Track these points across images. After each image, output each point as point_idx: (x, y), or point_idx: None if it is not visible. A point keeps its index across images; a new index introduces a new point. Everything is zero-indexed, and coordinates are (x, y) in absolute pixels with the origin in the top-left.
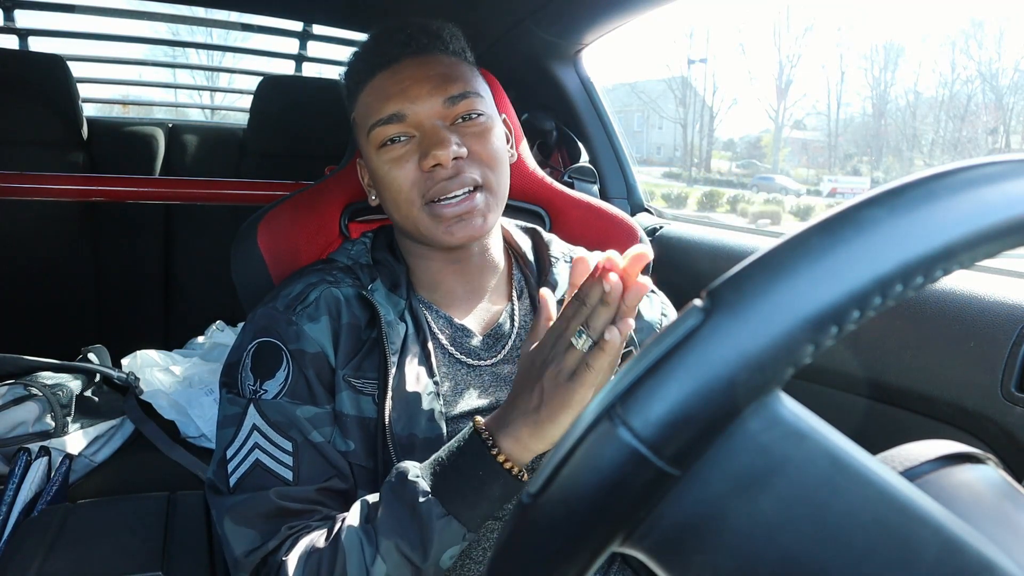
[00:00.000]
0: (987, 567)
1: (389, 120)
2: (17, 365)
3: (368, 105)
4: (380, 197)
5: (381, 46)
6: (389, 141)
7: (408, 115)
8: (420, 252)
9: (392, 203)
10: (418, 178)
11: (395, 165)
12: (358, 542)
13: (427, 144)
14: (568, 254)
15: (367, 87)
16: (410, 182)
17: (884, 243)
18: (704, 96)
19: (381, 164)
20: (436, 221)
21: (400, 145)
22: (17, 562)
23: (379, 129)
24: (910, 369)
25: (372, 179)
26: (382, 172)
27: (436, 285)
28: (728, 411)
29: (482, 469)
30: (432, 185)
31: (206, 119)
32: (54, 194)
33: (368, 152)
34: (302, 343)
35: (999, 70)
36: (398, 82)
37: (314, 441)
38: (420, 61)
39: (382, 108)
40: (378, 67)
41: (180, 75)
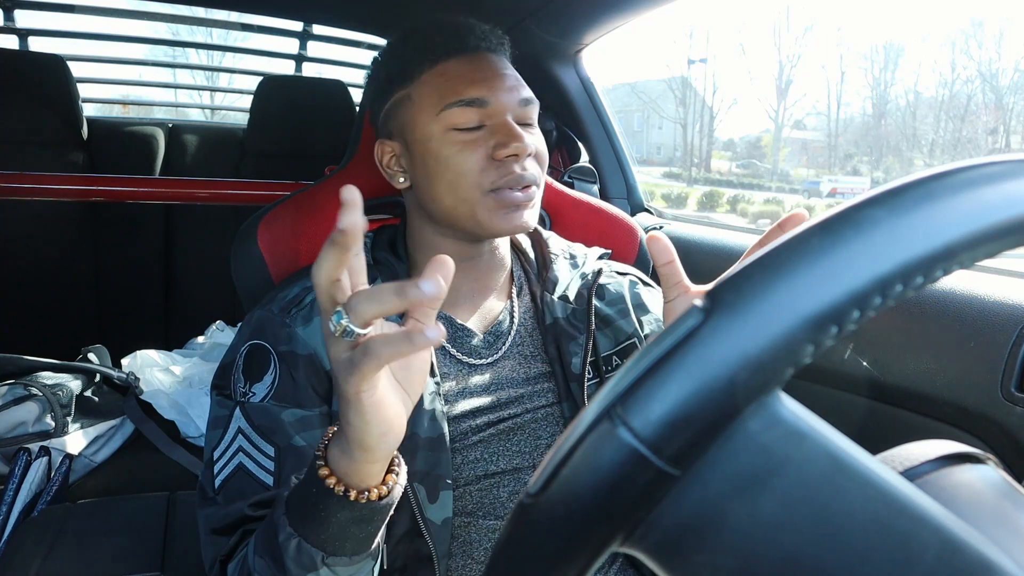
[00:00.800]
0: (987, 567)
1: (471, 103)
2: (17, 365)
3: (440, 85)
4: (427, 179)
5: (458, 33)
6: (459, 127)
7: (490, 103)
8: (435, 246)
9: (449, 185)
10: (487, 166)
11: (467, 148)
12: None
13: (505, 135)
14: (567, 251)
15: (438, 67)
16: (479, 168)
17: (884, 243)
18: (704, 96)
19: (448, 145)
20: (496, 207)
21: (472, 133)
22: (17, 562)
23: (456, 110)
24: (910, 369)
25: (418, 161)
26: (447, 153)
27: None
28: (728, 411)
29: (315, 486)
30: (504, 174)
31: (206, 119)
32: (54, 194)
33: (428, 132)
34: (293, 345)
35: (999, 70)
36: (480, 69)
37: (296, 446)
38: (495, 58)
39: (463, 90)
40: (453, 51)
41: (180, 75)
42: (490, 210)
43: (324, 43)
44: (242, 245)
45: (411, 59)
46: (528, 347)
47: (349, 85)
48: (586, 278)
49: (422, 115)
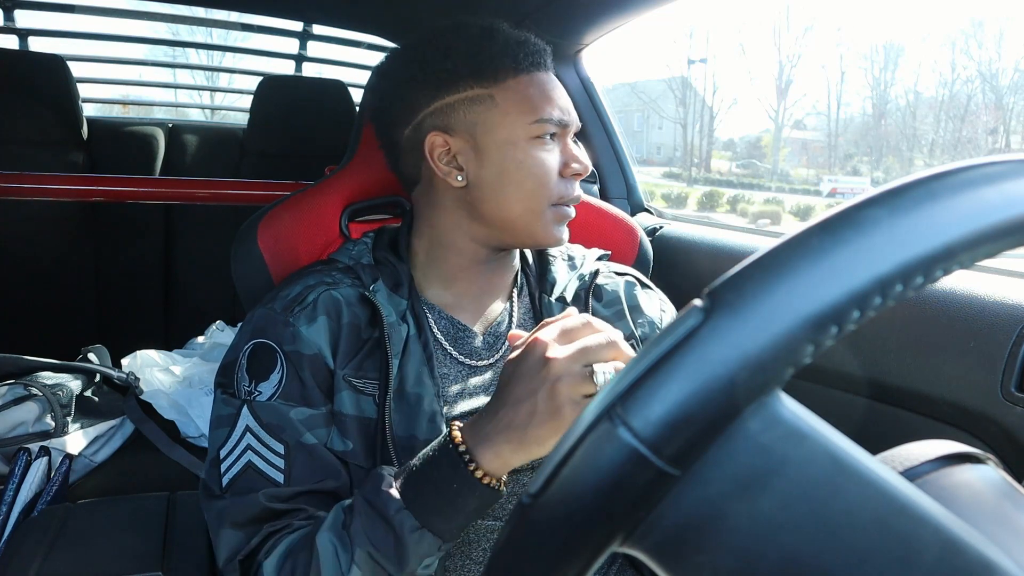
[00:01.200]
0: (987, 567)
1: (557, 122)
2: (17, 365)
3: (533, 96)
4: (502, 182)
5: (537, 48)
6: (547, 137)
7: (568, 125)
8: (457, 247)
9: (526, 193)
10: (557, 180)
11: (547, 160)
12: (332, 548)
13: (573, 155)
14: (566, 252)
15: (525, 77)
16: (554, 180)
17: (884, 243)
18: (704, 96)
19: (531, 155)
20: (555, 220)
21: (551, 144)
22: (17, 562)
23: (545, 124)
24: (910, 369)
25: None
26: (529, 163)
27: (450, 283)
28: (728, 411)
29: (456, 482)
30: (569, 190)
31: (206, 119)
32: (54, 194)
33: (514, 136)
34: (298, 345)
35: (999, 70)
36: (556, 89)
37: (307, 443)
38: (557, 81)
39: (551, 107)
40: (535, 66)
41: (180, 75)
42: (550, 222)
43: (324, 43)
44: (242, 245)
45: (495, 61)
46: None
47: (349, 85)
48: (584, 279)
49: (508, 119)
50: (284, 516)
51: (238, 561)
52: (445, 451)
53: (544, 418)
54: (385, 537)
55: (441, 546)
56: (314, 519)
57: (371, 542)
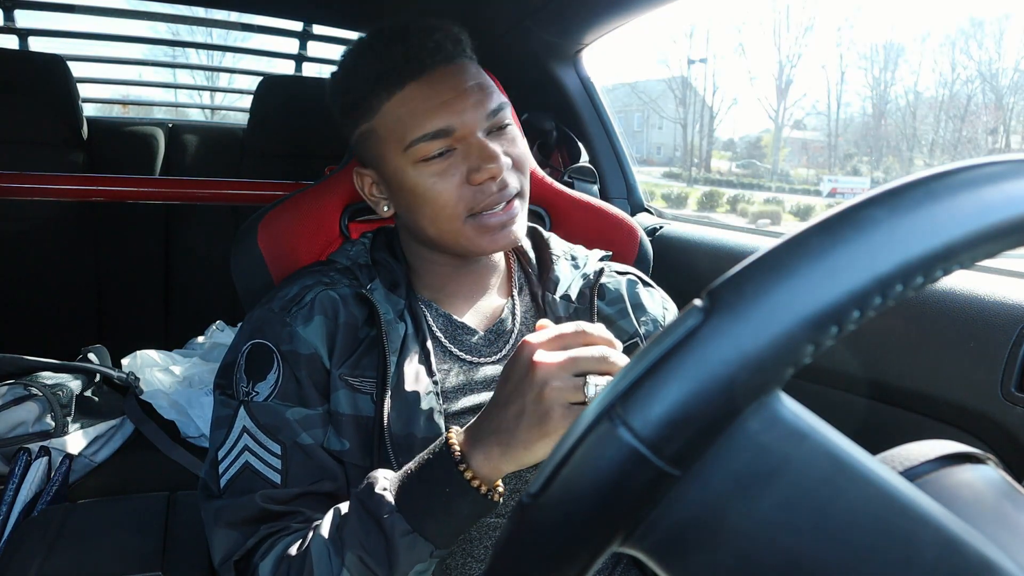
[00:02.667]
0: (987, 567)
1: (436, 135)
2: (17, 365)
3: (402, 118)
4: (407, 210)
5: (409, 53)
6: (429, 157)
7: (456, 129)
8: (429, 256)
9: (430, 217)
10: (464, 192)
11: (440, 180)
12: (326, 551)
13: (478, 158)
14: (569, 252)
15: (396, 98)
16: (456, 196)
17: (884, 243)
18: (704, 96)
19: (421, 178)
20: (480, 232)
21: (443, 159)
22: (17, 562)
23: (423, 145)
24: (910, 369)
25: (395, 191)
26: (423, 187)
27: (440, 285)
28: (728, 411)
29: (449, 486)
30: (483, 199)
31: (206, 119)
32: (54, 194)
33: (398, 165)
34: (295, 344)
35: (999, 70)
36: (437, 95)
37: (303, 444)
38: (453, 70)
39: (424, 123)
40: (408, 76)
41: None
42: (473, 236)
43: (324, 43)
44: (242, 245)
45: (367, 91)
46: None
47: None
48: (588, 278)
49: (389, 151)
50: (281, 518)
51: (233, 562)
52: (440, 454)
53: (531, 421)
54: (376, 540)
55: (433, 552)
56: (311, 522)
57: (362, 545)
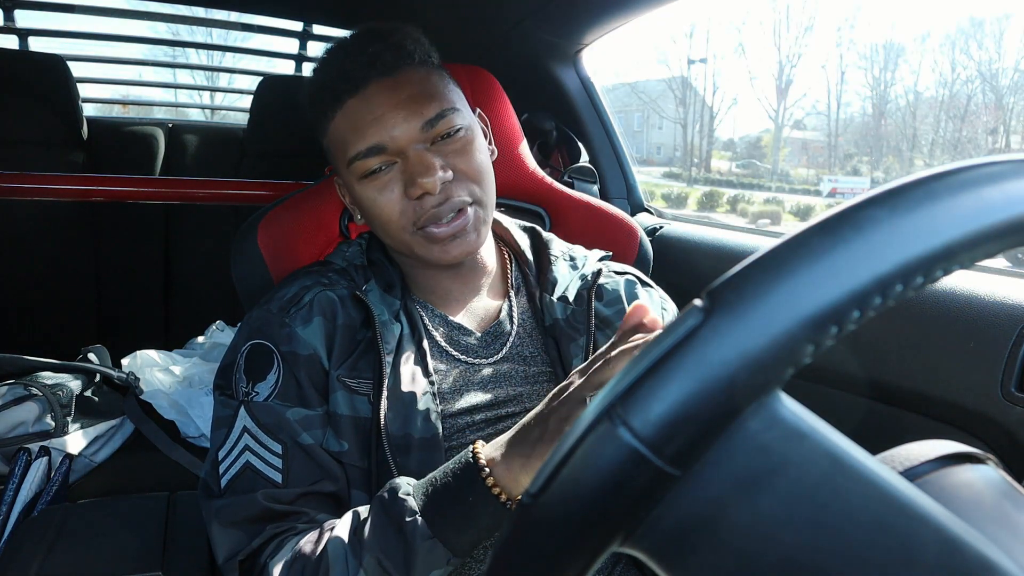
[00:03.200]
0: (987, 567)
1: (368, 153)
2: (17, 365)
3: (342, 137)
4: (368, 221)
5: (345, 69)
6: (371, 172)
7: (388, 145)
8: (412, 262)
9: (381, 229)
10: (406, 206)
11: (380, 195)
12: (343, 553)
13: (412, 172)
14: (567, 253)
15: (338, 115)
16: (398, 211)
17: (884, 243)
18: (704, 96)
19: (366, 194)
20: (430, 243)
21: (383, 174)
22: (17, 562)
23: (360, 162)
24: (910, 369)
25: (356, 204)
26: (368, 202)
27: (432, 288)
28: (728, 411)
29: (472, 495)
30: (422, 213)
31: (206, 119)
32: (54, 194)
33: (349, 181)
34: (294, 345)
35: (999, 70)
36: (371, 110)
37: (304, 443)
38: (389, 84)
39: (359, 141)
40: (345, 93)
41: (180, 75)
42: (423, 246)
43: (324, 43)
44: (242, 245)
45: (318, 111)
46: (528, 347)
47: None
48: (586, 279)
49: (340, 166)
50: (286, 518)
51: (238, 561)
52: (465, 463)
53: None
54: (396, 544)
55: (450, 559)
56: (315, 523)
57: (381, 548)
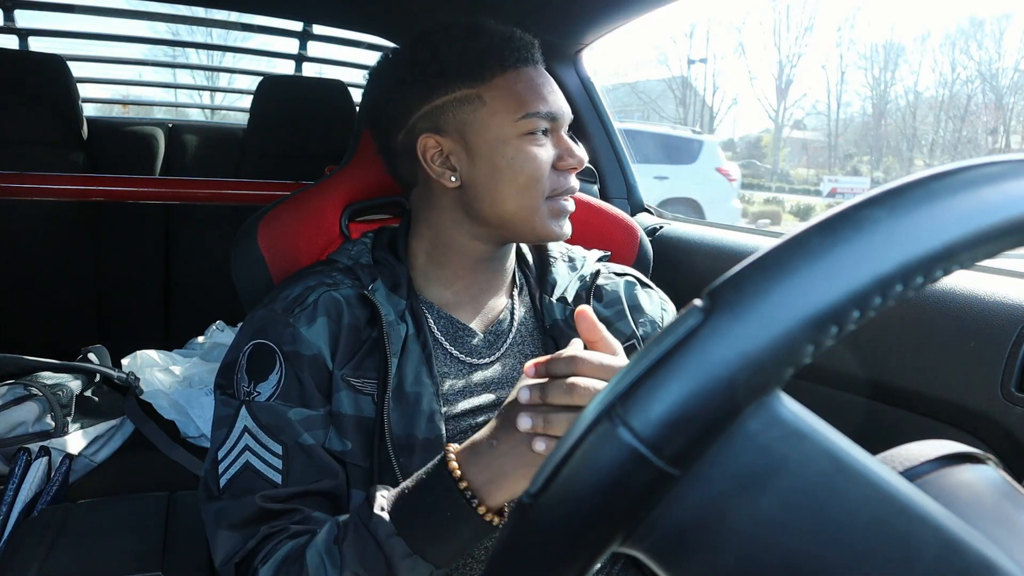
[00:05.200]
0: (987, 567)
1: (547, 116)
2: (17, 365)
3: (520, 92)
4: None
5: (524, 43)
6: (539, 132)
7: (559, 118)
8: (458, 246)
9: (519, 189)
10: (551, 173)
11: (539, 155)
12: (322, 564)
13: (567, 148)
14: (567, 253)
15: (511, 73)
16: (546, 175)
17: (884, 243)
18: (704, 96)
19: (521, 150)
20: (551, 214)
21: (543, 138)
22: (17, 562)
23: (535, 120)
24: (910, 369)
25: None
26: (522, 158)
27: (450, 283)
28: (728, 411)
29: (451, 509)
30: (563, 183)
31: (206, 119)
32: (54, 194)
33: (502, 133)
34: (298, 345)
35: (999, 70)
36: (546, 84)
37: (305, 444)
38: (547, 74)
39: (538, 102)
40: (523, 61)
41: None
42: (546, 216)
43: (324, 43)
44: (242, 245)
45: (481, 60)
46: (528, 347)
47: (349, 85)
48: (584, 280)
49: (496, 118)
50: (280, 517)
51: (234, 564)
52: (441, 480)
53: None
54: (376, 561)
55: (433, 572)
56: (310, 521)
57: (361, 563)
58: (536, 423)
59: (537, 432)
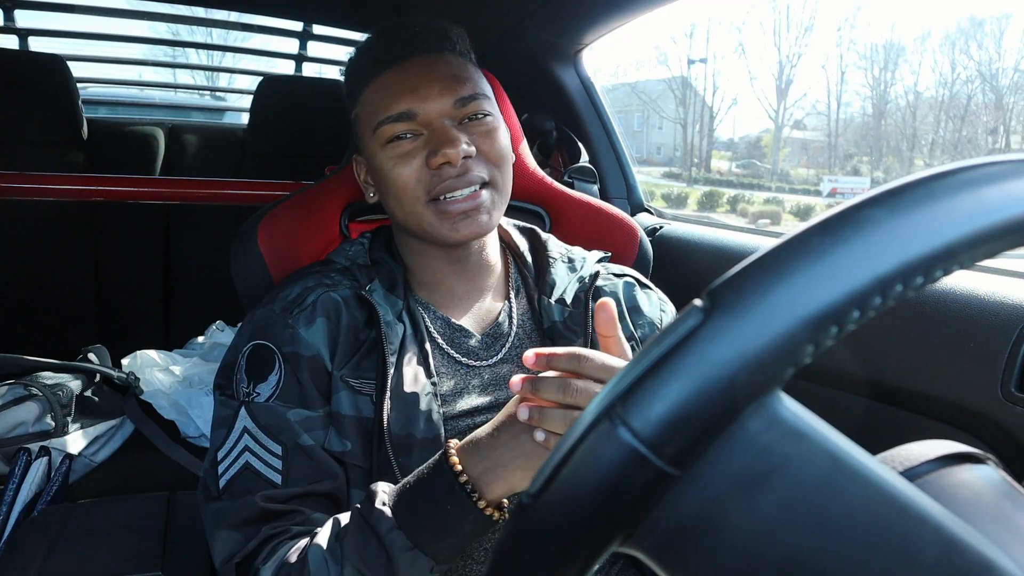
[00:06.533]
0: (987, 567)
1: (399, 118)
2: (17, 365)
3: (375, 102)
4: (382, 194)
5: (388, 43)
6: (396, 138)
7: (418, 113)
8: (420, 251)
9: (395, 200)
10: (424, 175)
11: (401, 161)
12: (324, 562)
13: (437, 142)
14: (566, 254)
15: (373, 84)
16: (415, 179)
17: (884, 243)
18: (704, 96)
19: (386, 160)
20: (441, 218)
21: (407, 142)
22: (17, 562)
23: (387, 126)
24: (910, 369)
25: (374, 176)
26: (386, 168)
27: (436, 285)
28: (728, 411)
29: (451, 503)
30: (439, 183)
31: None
32: (54, 194)
33: (372, 148)
34: (297, 346)
35: (999, 70)
36: (407, 80)
37: (304, 444)
38: (429, 60)
39: (391, 105)
40: (385, 65)
41: (180, 75)
42: (435, 221)
43: (324, 43)
44: (242, 245)
45: (354, 79)
46: (527, 349)
47: None
48: (583, 281)
49: (365, 133)
50: (281, 518)
51: (234, 564)
52: (441, 473)
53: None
54: (377, 555)
55: (434, 567)
56: (311, 522)
57: (362, 559)
58: (532, 414)
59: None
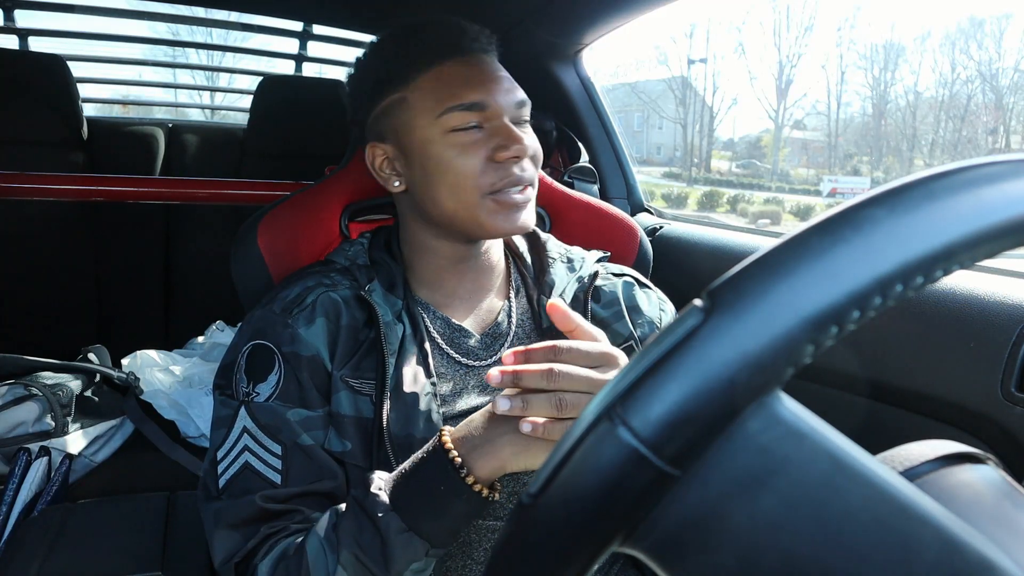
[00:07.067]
0: (987, 567)
1: (471, 107)
2: (17, 365)
3: (439, 88)
4: (428, 182)
5: (451, 34)
6: (459, 128)
7: (489, 106)
8: (430, 248)
9: (450, 188)
10: (486, 167)
11: (465, 151)
12: (321, 549)
13: (505, 137)
14: (565, 254)
15: (434, 70)
16: (479, 170)
17: (884, 243)
18: (704, 96)
19: (448, 148)
20: (496, 210)
21: (472, 133)
22: (17, 562)
23: (457, 114)
24: (910, 369)
25: (418, 163)
26: (448, 156)
27: (437, 284)
28: (728, 411)
29: (444, 484)
30: (504, 175)
31: (206, 119)
32: (54, 194)
33: (428, 134)
34: (296, 346)
35: (999, 70)
36: (477, 72)
37: (304, 444)
38: (488, 59)
39: (462, 94)
40: (448, 53)
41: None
42: (491, 212)
43: (324, 43)
44: (242, 245)
45: (405, 61)
46: None
47: None
48: (583, 281)
49: (420, 118)
50: (280, 517)
51: (234, 564)
52: (434, 454)
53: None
54: (372, 539)
55: (429, 551)
56: (310, 522)
57: (357, 543)
58: (515, 404)
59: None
